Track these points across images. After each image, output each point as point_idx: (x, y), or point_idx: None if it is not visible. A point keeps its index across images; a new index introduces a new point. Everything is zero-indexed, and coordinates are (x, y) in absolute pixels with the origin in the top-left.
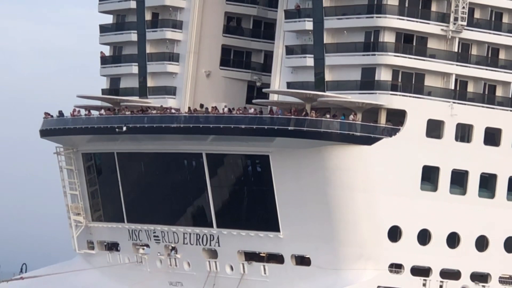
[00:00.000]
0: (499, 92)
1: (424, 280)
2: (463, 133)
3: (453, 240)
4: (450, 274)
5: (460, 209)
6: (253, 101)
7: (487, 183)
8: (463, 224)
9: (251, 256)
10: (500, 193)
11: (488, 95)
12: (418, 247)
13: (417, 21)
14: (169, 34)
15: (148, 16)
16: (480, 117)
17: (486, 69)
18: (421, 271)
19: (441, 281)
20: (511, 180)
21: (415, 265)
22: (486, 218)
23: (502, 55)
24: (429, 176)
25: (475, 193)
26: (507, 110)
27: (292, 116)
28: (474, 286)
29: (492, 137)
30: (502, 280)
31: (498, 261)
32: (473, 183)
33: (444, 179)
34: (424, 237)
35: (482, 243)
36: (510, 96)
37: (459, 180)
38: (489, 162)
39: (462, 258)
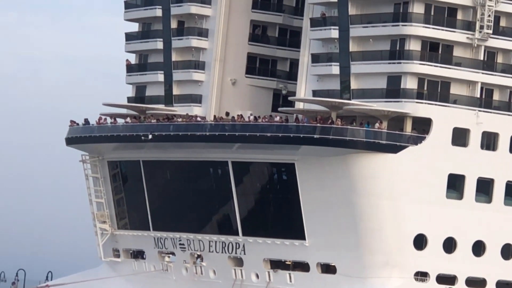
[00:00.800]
0: None
1: None
2: (489, 141)
3: (478, 248)
4: (476, 282)
5: (486, 217)
6: (279, 109)
7: None
8: (489, 232)
9: (277, 264)
10: None
11: None
12: (444, 255)
13: (442, 29)
14: (195, 42)
15: (174, 24)
16: (506, 125)
17: None
18: (446, 279)
19: None
20: None
21: (441, 273)
22: (511, 226)
23: None
24: (455, 184)
25: (501, 202)
26: None
27: (318, 124)
28: None
29: None
30: None
31: None
32: (498, 191)
33: (470, 187)
34: (449, 245)
35: (508, 251)
36: None
37: (484, 188)
38: None
39: (488, 266)
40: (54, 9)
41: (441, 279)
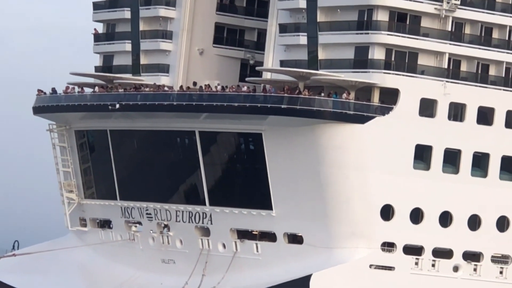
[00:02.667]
0: (492, 71)
1: (416, 259)
2: (456, 112)
3: (445, 219)
4: (443, 253)
5: (453, 188)
6: (246, 79)
7: (480, 162)
8: (456, 203)
9: (244, 234)
10: (492, 172)
11: (481, 74)
12: (411, 226)
13: (410, 0)
14: (162, 11)
15: None
16: (473, 96)
17: (480, 48)
18: (413, 250)
19: (433, 260)
20: (503, 160)
21: (408, 244)
22: (478, 197)
23: (495, 34)
24: (422, 155)
25: (468, 172)
26: (500, 89)
27: (285, 95)
28: (466, 265)
29: (485, 116)
30: (494, 259)
31: (491, 240)
32: (465, 162)
33: (437, 158)
34: (416, 216)
35: (474, 222)
36: (503, 76)
37: (451, 159)
38: (482, 141)
39: (455, 237)
40: None
41: (407, 249)
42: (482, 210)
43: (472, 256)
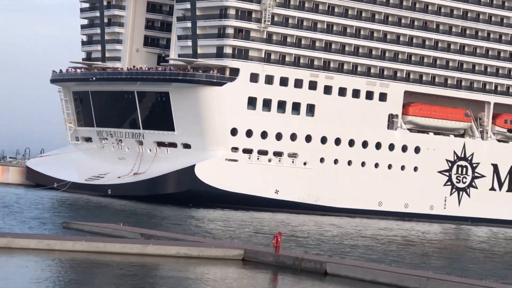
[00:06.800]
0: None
1: (249, 156)
2: (269, 80)
3: (264, 135)
4: (262, 152)
5: (269, 119)
6: (161, 64)
7: (282, 106)
8: (269, 126)
9: (160, 144)
10: (288, 110)
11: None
12: (246, 139)
13: (250, 22)
14: (117, 29)
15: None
16: (277, 71)
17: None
18: (247, 151)
19: (258, 156)
20: (294, 104)
21: (244, 148)
22: (283, 125)
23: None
24: (252, 102)
25: (275, 110)
26: (288, 67)
27: (181, 71)
28: (275, 158)
29: (285, 82)
30: (289, 155)
31: (287, 145)
32: (274, 106)
33: (259, 103)
34: (249, 133)
35: (279, 136)
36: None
37: (267, 104)
38: (284, 94)
39: (269, 143)
40: None
41: (244, 150)
42: (284, 130)
43: (278, 153)
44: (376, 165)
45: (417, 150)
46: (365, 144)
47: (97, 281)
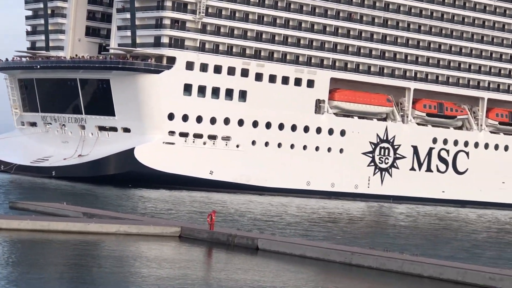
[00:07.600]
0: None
1: (185, 139)
2: (203, 67)
3: (200, 119)
4: (198, 135)
5: (201, 104)
6: (102, 53)
7: (217, 92)
8: (201, 110)
9: (101, 128)
10: (222, 96)
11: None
12: (182, 123)
13: (187, 14)
14: (60, 19)
15: None
16: (209, 58)
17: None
18: (183, 134)
19: (193, 140)
20: (228, 90)
21: (180, 131)
22: (218, 110)
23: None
24: (187, 88)
25: (209, 96)
26: (220, 55)
27: (120, 60)
28: (209, 141)
29: (219, 70)
30: (223, 138)
31: (219, 128)
32: (209, 90)
33: (194, 89)
34: (185, 118)
35: (214, 121)
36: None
37: (201, 90)
38: (215, 81)
39: (204, 127)
40: None
41: (181, 134)
42: (218, 115)
43: (212, 137)
44: (305, 147)
45: (342, 133)
46: (294, 128)
47: (42, 261)
